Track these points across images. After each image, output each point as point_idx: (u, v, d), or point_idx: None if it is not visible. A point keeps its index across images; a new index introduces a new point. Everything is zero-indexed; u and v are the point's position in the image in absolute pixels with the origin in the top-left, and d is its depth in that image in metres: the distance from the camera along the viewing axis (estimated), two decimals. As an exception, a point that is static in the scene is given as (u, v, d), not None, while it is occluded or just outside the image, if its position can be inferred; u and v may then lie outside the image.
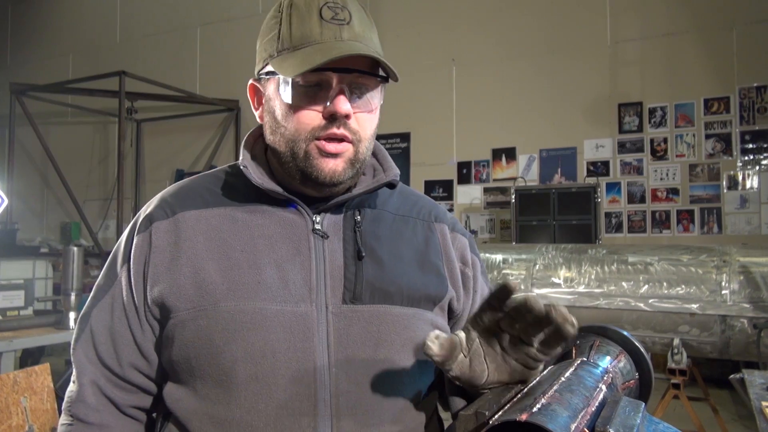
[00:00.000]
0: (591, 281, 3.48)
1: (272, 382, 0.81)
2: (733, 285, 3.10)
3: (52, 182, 9.00)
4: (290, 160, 0.86)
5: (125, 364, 0.88)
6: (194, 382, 0.84)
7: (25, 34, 10.03)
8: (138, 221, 0.91)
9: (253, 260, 0.85)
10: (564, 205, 5.68)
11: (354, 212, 0.92)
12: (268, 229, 0.88)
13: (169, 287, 0.85)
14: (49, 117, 9.18)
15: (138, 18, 8.93)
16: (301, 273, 0.86)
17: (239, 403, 0.81)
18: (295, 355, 0.82)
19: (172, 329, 0.85)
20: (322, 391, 0.81)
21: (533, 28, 6.48)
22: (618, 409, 0.56)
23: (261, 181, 0.88)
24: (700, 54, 5.79)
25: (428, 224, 0.99)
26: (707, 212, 5.72)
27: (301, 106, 0.83)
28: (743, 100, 5.63)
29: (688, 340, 3.19)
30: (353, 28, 0.84)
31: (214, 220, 0.89)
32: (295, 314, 0.83)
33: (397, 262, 0.91)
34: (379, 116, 0.91)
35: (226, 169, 0.98)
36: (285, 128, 0.85)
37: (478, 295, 1.00)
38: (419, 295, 0.90)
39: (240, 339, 0.81)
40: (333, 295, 0.86)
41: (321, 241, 0.88)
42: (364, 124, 0.87)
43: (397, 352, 0.86)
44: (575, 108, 6.26)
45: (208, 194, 0.92)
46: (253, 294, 0.83)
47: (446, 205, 6.91)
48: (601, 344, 0.83)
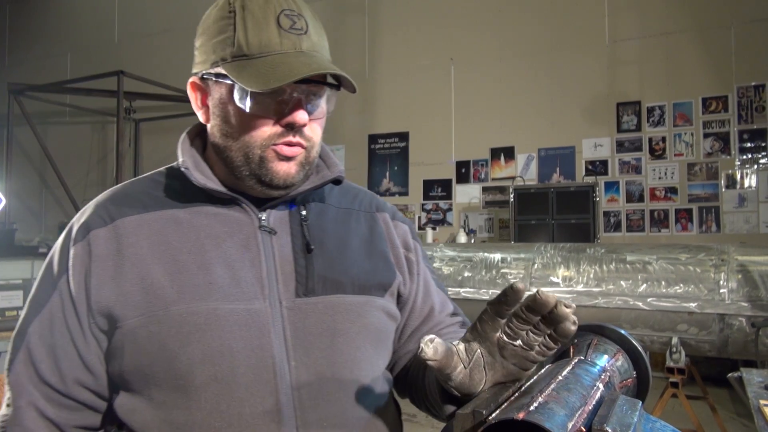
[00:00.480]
0: (589, 280, 3.48)
1: (232, 381, 0.80)
2: (732, 284, 3.11)
3: (51, 182, 8.99)
4: (243, 164, 0.86)
5: (69, 381, 0.84)
6: (149, 390, 0.81)
7: (23, 33, 10.02)
8: (73, 230, 0.87)
9: (201, 261, 0.84)
10: (562, 205, 5.68)
11: (299, 207, 0.93)
12: (213, 228, 0.87)
13: (115, 296, 0.82)
14: (47, 117, 9.17)
15: (136, 18, 8.93)
16: (252, 270, 0.85)
17: (200, 406, 0.79)
18: (253, 352, 0.81)
19: (122, 339, 0.82)
20: (283, 386, 0.81)
21: (532, 27, 6.49)
22: (615, 408, 0.56)
23: (204, 182, 0.87)
24: (699, 53, 5.80)
25: (371, 214, 1.01)
26: (705, 211, 5.73)
27: (257, 114, 0.83)
28: (741, 99, 5.64)
29: (686, 339, 3.19)
30: (311, 37, 0.84)
31: (156, 223, 0.86)
32: (249, 312, 0.83)
33: (346, 252, 0.93)
34: (377, 116, 0.91)
35: (164, 172, 0.96)
36: (239, 134, 0.85)
37: (421, 278, 1.03)
38: (370, 282, 0.92)
39: (195, 341, 0.80)
40: (285, 289, 0.86)
41: (269, 237, 0.89)
42: (317, 131, 0.88)
43: (353, 340, 0.88)
44: (574, 107, 6.27)
45: (147, 198, 0.90)
46: (205, 295, 0.82)
47: (445, 204, 6.92)
48: (599, 343, 0.83)
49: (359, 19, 7.47)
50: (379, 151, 7.29)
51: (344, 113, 7.44)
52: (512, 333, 0.68)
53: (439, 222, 6.93)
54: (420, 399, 0.95)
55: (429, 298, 1.03)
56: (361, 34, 7.46)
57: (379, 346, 0.93)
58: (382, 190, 7.26)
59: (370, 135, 7.32)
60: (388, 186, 7.25)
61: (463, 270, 3.89)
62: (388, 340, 0.96)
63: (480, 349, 0.70)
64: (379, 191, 7.28)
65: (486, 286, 3.76)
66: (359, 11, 7.47)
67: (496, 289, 3.71)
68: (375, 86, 7.30)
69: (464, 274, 3.86)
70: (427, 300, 1.03)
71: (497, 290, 3.69)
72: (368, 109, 7.32)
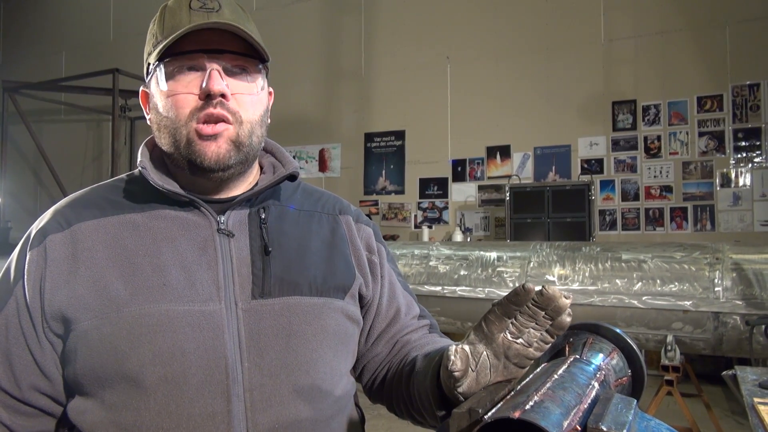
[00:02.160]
0: (585, 279, 3.49)
1: (183, 382, 0.80)
2: (726, 282, 3.12)
3: (46, 181, 8.96)
4: (175, 151, 0.87)
5: (25, 387, 0.84)
6: (101, 392, 0.81)
7: (17, 31, 9.97)
8: (30, 236, 0.88)
9: (156, 263, 0.84)
10: (558, 203, 5.70)
11: (258, 209, 0.93)
12: (170, 231, 0.87)
13: (68, 299, 0.82)
14: (42, 115, 9.13)
15: (131, 15, 8.89)
16: (208, 272, 0.85)
17: (149, 407, 0.79)
18: (206, 353, 0.81)
19: (75, 341, 0.82)
20: (235, 387, 0.81)
21: (527, 26, 6.49)
22: (610, 406, 0.57)
23: (161, 183, 0.87)
24: (694, 52, 5.82)
25: (333, 217, 1.02)
26: (700, 210, 5.75)
27: (178, 90, 0.85)
28: (736, 97, 5.66)
29: (681, 337, 3.21)
30: (223, 14, 0.85)
31: (113, 228, 0.87)
32: (203, 313, 0.83)
33: (305, 254, 0.93)
34: (374, 114, 0.91)
35: (123, 178, 0.97)
36: (166, 117, 0.86)
37: (386, 280, 1.03)
38: (328, 284, 0.92)
39: (147, 342, 0.80)
40: (242, 291, 0.86)
41: (227, 240, 0.89)
42: (245, 106, 0.88)
43: (309, 342, 0.87)
44: (569, 106, 6.28)
45: (105, 203, 0.90)
46: (159, 297, 0.82)
47: (441, 203, 6.93)
48: (594, 342, 0.84)
49: (355, 18, 7.47)
50: (375, 150, 7.29)
51: (340, 112, 7.44)
52: (517, 331, 0.68)
53: (435, 220, 6.93)
54: (404, 406, 0.94)
55: (394, 300, 1.03)
56: (357, 32, 7.45)
57: (339, 349, 0.92)
58: (378, 189, 7.27)
59: (366, 133, 7.32)
60: (385, 184, 7.25)
61: (459, 268, 3.89)
62: (349, 343, 0.95)
63: (486, 351, 0.69)
64: (375, 190, 7.28)
65: (482, 284, 3.76)
66: (355, 10, 7.46)
67: (492, 287, 3.72)
68: (371, 85, 7.29)
69: (460, 273, 3.87)
70: (392, 302, 1.02)
71: (493, 288, 3.71)
72: (364, 107, 7.32)
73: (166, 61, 0.85)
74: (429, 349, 0.92)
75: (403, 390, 0.91)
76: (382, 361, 1.01)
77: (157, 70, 0.86)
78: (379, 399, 1.03)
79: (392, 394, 0.97)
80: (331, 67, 7.53)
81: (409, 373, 0.91)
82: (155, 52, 0.85)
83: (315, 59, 7.57)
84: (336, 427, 0.89)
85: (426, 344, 0.97)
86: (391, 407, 1.00)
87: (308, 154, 7.54)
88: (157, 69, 0.86)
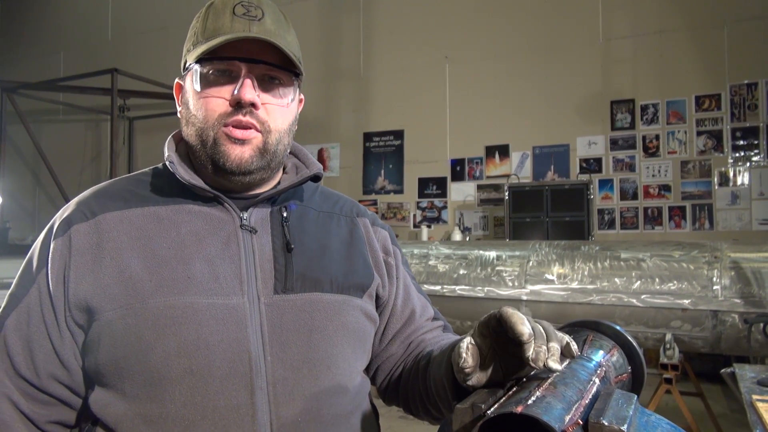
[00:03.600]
0: (584, 277, 3.50)
1: (207, 375, 0.80)
2: (725, 280, 3.13)
3: (44, 181, 8.95)
4: (201, 149, 0.88)
5: (44, 375, 0.84)
6: (123, 384, 0.81)
7: (15, 31, 9.95)
8: (54, 226, 0.89)
9: (181, 256, 0.85)
10: (557, 202, 5.70)
11: (280, 208, 0.95)
12: (195, 225, 0.88)
13: (93, 288, 0.82)
14: (41, 115, 9.12)
15: (130, 15, 8.89)
16: (231, 267, 0.86)
17: (173, 399, 0.80)
18: (230, 346, 0.82)
19: (98, 331, 0.82)
20: (258, 380, 0.82)
21: (526, 26, 6.50)
22: (611, 401, 0.57)
23: (188, 177, 0.88)
24: (692, 51, 5.83)
25: (351, 219, 1.04)
26: (699, 208, 5.76)
27: (209, 93, 0.86)
28: (734, 97, 5.67)
29: (680, 336, 3.22)
30: (264, 24, 0.86)
31: (138, 220, 0.87)
32: (227, 307, 0.83)
33: (325, 252, 0.95)
34: (372, 114, 0.92)
35: (148, 171, 0.98)
36: (195, 116, 0.88)
37: (401, 282, 1.05)
38: (348, 282, 0.94)
39: (171, 334, 0.80)
40: (264, 286, 0.87)
41: (250, 236, 0.90)
42: (274, 116, 0.89)
43: (330, 338, 0.89)
44: (568, 105, 6.29)
45: (130, 195, 0.91)
46: (183, 289, 0.82)
47: (440, 203, 6.93)
48: (594, 339, 0.84)
49: (354, 18, 7.47)
50: (374, 149, 7.29)
51: (339, 111, 7.44)
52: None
53: (434, 220, 6.94)
54: (420, 402, 0.95)
55: (409, 301, 1.04)
56: (355, 32, 7.45)
57: (357, 346, 0.94)
58: (377, 188, 7.27)
59: (365, 133, 7.32)
60: (383, 184, 7.25)
61: (458, 267, 3.90)
62: (365, 341, 0.97)
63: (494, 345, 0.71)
64: (374, 189, 7.28)
65: (481, 283, 3.77)
66: (354, 9, 7.46)
67: (491, 286, 3.73)
68: (370, 84, 7.29)
69: (459, 272, 3.87)
70: (407, 303, 1.04)
71: (492, 287, 3.72)
72: (363, 107, 7.32)
73: (202, 63, 0.86)
74: (444, 344, 0.94)
75: (420, 383, 0.93)
76: (397, 361, 1.03)
77: (193, 70, 0.87)
78: (394, 399, 1.04)
79: (408, 390, 0.98)
80: (329, 66, 7.53)
81: (425, 367, 0.92)
82: (194, 52, 0.86)
83: (314, 59, 7.57)
84: (354, 422, 0.91)
85: (440, 341, 0.99)
86: (407, 406, 1.01)
87: (307, 154, 7.52)
88: (193, 68, 0.88)
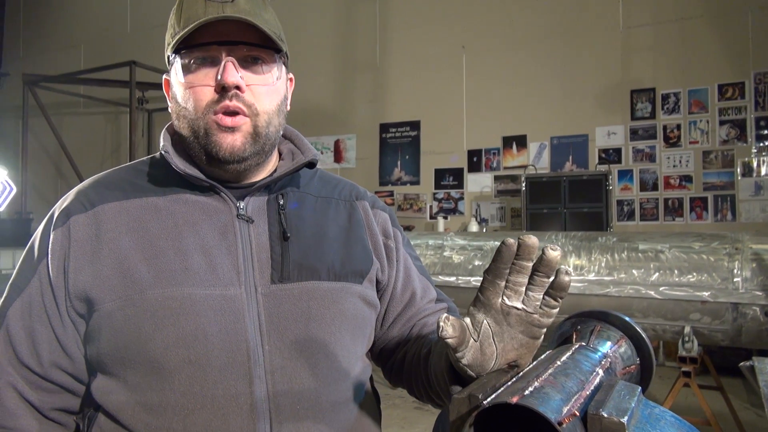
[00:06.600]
0: (601, 269, 3.45)
1: (206, 364, 0.81)
2: (746, 272, 3.07)
3: (66, 172, 9.08)
4: (194, 141, 0.88)
5: (47, 364, 0.86)
6: (124, 373, 0.83)
7: (37, 25, 10.09)
8: (54, 216, 0.89)
9: (178, 247, 0.85)
10: (575, 193, 5.64)
11: (277, 196, 0.94)
12: (192, 216, 0.89)
13: (92, 279, 0.84)
14: (62, 108, 9.25)
15: (148, 8, 8.95)
16: (228, 257, 0.87)
17: (173, 388, 0.81)
18: (228, 336, 0.83)
19: (99, 321, 0.84)
20: (257, 369, 0.83)
21: (544, 14, 6.41)
22: (613, 393, 0.56)
23: (183, 167, 0.88)
24: (714, 39, 5.70)
25: (350, 203, 1.03)
26: (721, 200, 5.65)
27: (194, 82, 0.86)
28: (758, 85, 5.54)
29: (699, 328, 3.16)
30: (238, 4, 0.85)
31: (135, 210, 0.88)
32: (225, 297, 0.84)
33: (323, 240, 0.94)
34: (389, 105, 0.90)
35: (145, 161, 0.99)
36: (185, 108, 0.88)
37: (401, 265, 1.04)
38: (346, 269, 0.93)
39: (170, 325, 0.82)
40: (261, 276, 0.87)
41: (246, 226, 0.90)
42: (261, 97, 0.88)
43: (328, 326, 0.89)
44: (587, 95, 6.20)
45: (127, 185, 0.92)
46: (181, 280, 0.83)
47: (457, 194, 6.90)
48: (602, 329, 0.83)
49: (370, 8, 7.43)
50: (391, 140, 7.27)
51: (355, 102, 7.43)
52: (513, 294, 0.65)
53: (451, 211, 6.91)
54: (423, 389, 0.94)
55: (410, 284, 1.04)
56: (372, 22, 7.42)
57: (356, 333, 0.94)
58: (394, 179, 7.26)
59: (381, 124, 7.30)
60: (400, 175, 7.24)
61: (473, 258, 3.88)
62: (365, 327, 0.97)
63: (486, 320, 0.67)
64: (391, 180, 7.27)
65: (496, 274, 3.74)
66: (370, 0, 7.44)
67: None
68: (386, 75, 7.27)
69: (475, 263, 3.85)
70: (407, 286, 1.03)
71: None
72: (379, 98, 7.30)
73: (182, 53, 0.86)
74: None
75: (422, 372, 0.92)
76: (399, 344, 1.02)
77: (175, 62, 0.88)
78: (399, 383, 1.04)
79: (411, 377, 0.97)
80: (346, 57, 7.52)
81: (426, 355, 0.92)
82: (172, 43, 0.87)
83: (330, 49, 7.56)
84: (354, 408, 0.91)
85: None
86: (412, 390, 1.01)
87: (323, 145, 7.54)
88: (175, 60, 0.88)
